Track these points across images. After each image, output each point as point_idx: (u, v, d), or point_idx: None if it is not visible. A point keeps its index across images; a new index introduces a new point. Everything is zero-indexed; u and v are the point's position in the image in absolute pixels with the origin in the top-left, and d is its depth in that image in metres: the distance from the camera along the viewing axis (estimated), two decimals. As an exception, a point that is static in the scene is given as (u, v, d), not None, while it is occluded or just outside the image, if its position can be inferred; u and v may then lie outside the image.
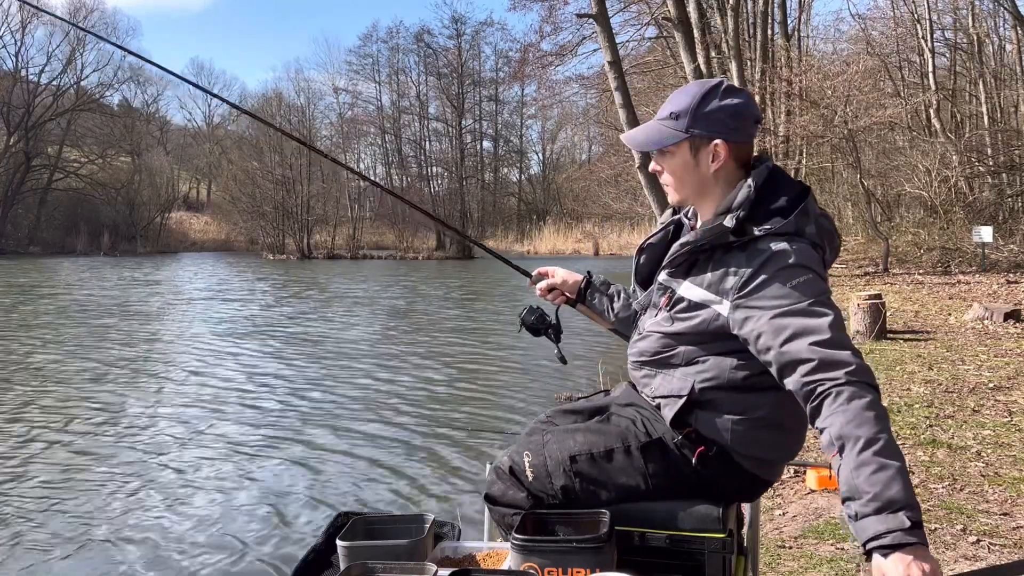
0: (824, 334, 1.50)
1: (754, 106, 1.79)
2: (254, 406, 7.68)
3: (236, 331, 13.23)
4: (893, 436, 1.41)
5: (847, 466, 1.38)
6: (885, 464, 1.35)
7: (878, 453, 1.36)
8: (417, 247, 44.85)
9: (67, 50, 47.54)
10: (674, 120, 1.75)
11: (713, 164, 1.73)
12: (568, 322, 2.28)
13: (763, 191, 1.70)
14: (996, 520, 3.49)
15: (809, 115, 17.62)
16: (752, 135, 1.78)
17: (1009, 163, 21.11)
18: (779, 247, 1.62)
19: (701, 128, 1.72)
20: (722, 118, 1.72)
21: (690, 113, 1.73)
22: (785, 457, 1.86)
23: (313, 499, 5.07)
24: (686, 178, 1.78)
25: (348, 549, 1.65)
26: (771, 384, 1.62)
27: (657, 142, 1.78)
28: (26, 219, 45.69)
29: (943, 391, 5.89)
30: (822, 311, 1.54)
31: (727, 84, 1.77)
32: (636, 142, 1.86)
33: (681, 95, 1.78)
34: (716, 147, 1.72)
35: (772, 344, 1.56)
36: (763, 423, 1.72)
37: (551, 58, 23.86)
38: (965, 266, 16.46)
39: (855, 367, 1.46)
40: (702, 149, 1.74)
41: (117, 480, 5.42)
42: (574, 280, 2.19)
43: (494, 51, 51.13)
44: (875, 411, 1.41)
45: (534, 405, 7.44)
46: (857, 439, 1.38)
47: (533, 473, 1.80)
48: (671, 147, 1.76)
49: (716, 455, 1.73)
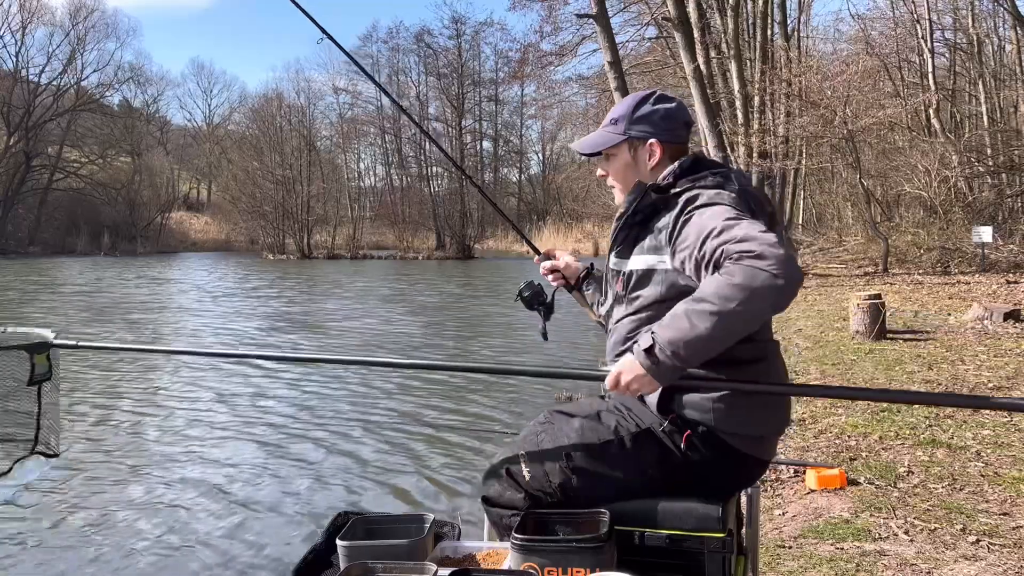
0: (738, 235, 1.57)
1: (685, 111, 1.97)
2: (254, 406, 7.68)
3: (236, 331, 13.24)
4: (726, 309, 1.50)
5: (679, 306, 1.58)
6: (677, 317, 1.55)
7: (684, 311, 1.55)
8: (417, 247, 44.84)
9: (67, 50, 47.62)
10: (614, 125, 1.96)
11: (650, 162, 1.91)
12: (578, 319, 2.33)
13: (689, 170, 1.85)
14: (996, 520, 3.49)
15: (809, 115, 17.61)
16: (683, 137, 1.95)
17: (1009, 163, 21.11)
18: (696, 193, 1.76)
19: (637, 130, 1.92)
20: (655, 120, 1.91)
21: (627, 117, 1.93)
22: (773, 431, 1.88)
23: (313, 499, 5.07)
24: (628, 176, 1.95)
25: (348, 549, 1.66)
26: (748, 357, 1.65)
27: (600, 144, 1.97)
28: (26, 219, 45.66)
29: (943, 391, 5.88)
30: (737, 222, 1.61)
31: (660, 93, 1.97)
32: (583, 147, 2.03)
33: (620, 104, 1.98)
34: (651, 146, 1.91)
35: (695, 253, 1.64)
36: (744, 400, 1.75)
37: (551, 58, 23.86)
38: (965, 266, 16.45)
39: (755, 251, 1.51)
40: (639, 149, 1.93)
41: (117, 479, 5.42)
42: (576, 267, 2.34)
43: (494, 51, 51.23)
44: (732, 288, 1.49)
45: (533, 405, 7.45)
46: (695, 298, 1.54)
47: (530, 472, 1.81)
48: (612, 149, 1.95)
49: (703, 439, 1.75)
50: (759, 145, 17.45)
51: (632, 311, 1.85)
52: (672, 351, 1.56)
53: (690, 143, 2.01)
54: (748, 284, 1.49)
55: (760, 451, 1.83)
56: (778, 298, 1.50)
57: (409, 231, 46.04)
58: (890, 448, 4.59)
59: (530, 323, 13.02)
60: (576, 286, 2.32)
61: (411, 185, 49.39)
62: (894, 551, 3.23)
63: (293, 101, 48.02)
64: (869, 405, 5.55)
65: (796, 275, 1.51)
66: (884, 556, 3.19)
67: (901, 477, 4.10)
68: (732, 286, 1.50)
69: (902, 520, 3.53)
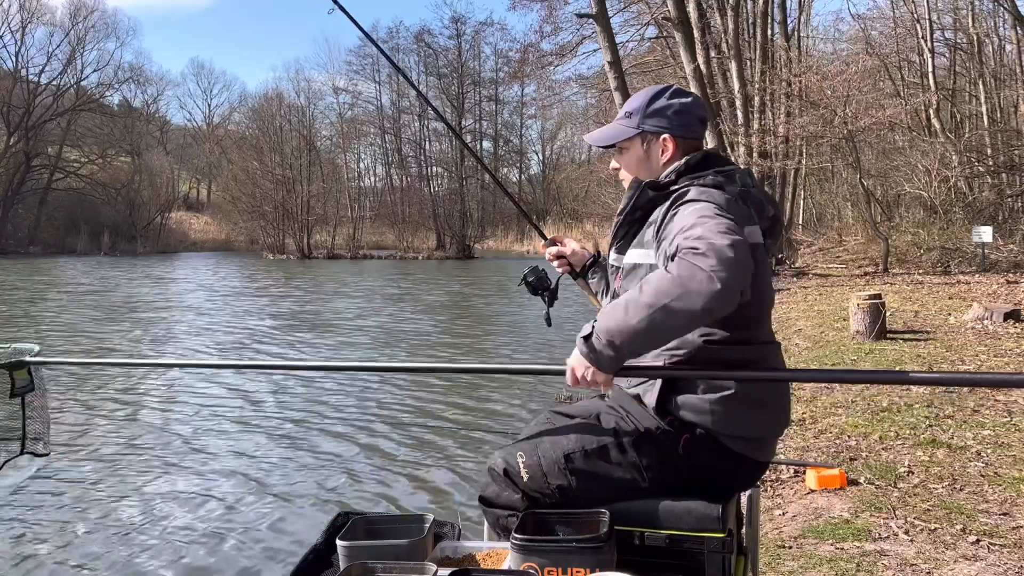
0: (697, 232, 1.55)
1: (700, 107, 1.92)
2: (253, 407, 7.68)
3: (236, 332, 13.24)
4: (658, 304, 1.49)
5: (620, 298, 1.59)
6: (616, 306, 1.56)
7: (624, 301, 1.55)
8: (417, 247, 44.83)
9: (67, 50, 47.59)
10: (628, 119, 1.92)
11: (663, 157, 1.88)
12: (588, 315, 2.34)
13: (695, 167, 1.83)
14: (996, 520, 3.49)
15: (809, 115, 17.62)
16: (698, 133, 1.92)
17: (1009, 163, 21.10)
18: (688, 190, 1.74)
19: (650, 124, 1.88)
20: (669, 115, 1.87)
21: (641, 111, 1.90)
22: (771, 433, 1.88)
23: (313, 499, 5.07)
24: (640, 171, 1.93)
25: (348, 549, 1.65)
26: (744, 359, 1.63)
27: (613, 137, 1.95)
28: (26, 219, 45.64)
29: (943, 391, 5.88)
30: (707, 221, 1.58)
31: (676, 87, 1.93)
32: (596, 139, 2.00)
33: (635, 97, 1.94)
34: (664, 141, 1.88)
35: (667, 247, 1.63)
36: (742, 401, 1.74)
37: (551, 58, 23.89)
38: (965, 266, 16.45)
39: (701, 249, 1.49)
40: (652, 144, 1.90)
41: (117, 479, 5.42)
42: (582, 255, 2.33)
43: (494, 51, 51.11)
44: (668, 283, 1.49)
45: (534, 405, 7.45)
46: (638, 288, 1.54)
47: (528, 473, 1.81)
48: (625, 143, 1.93)
49: (702, 441, 1.75)
50: (759, 145, 17.46)
51: None
52: (608, 340, 1.55)
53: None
54: (684, 282, 1.47)
55: (759, 452, 1.83)
56: (712, 301, 1.46)
57: (409, 231, 46.02)
58: (890, 448, 4.59)
59: (538, 323, 13.01)
60: (582, 274, 2.32)
61: (411, 185, 49.37)
62: (894, 551, 3.23)
63: (293, 101, 48.05)
64: (869, 405, 5.55)
65: (736, 282, 1.46)
66: (884, 556, 3.19)
67: (901, 477, 4.10)
68: (669, 281, 1.49)
69: (902, 520, 3.53)
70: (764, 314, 1.85)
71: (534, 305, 12.34)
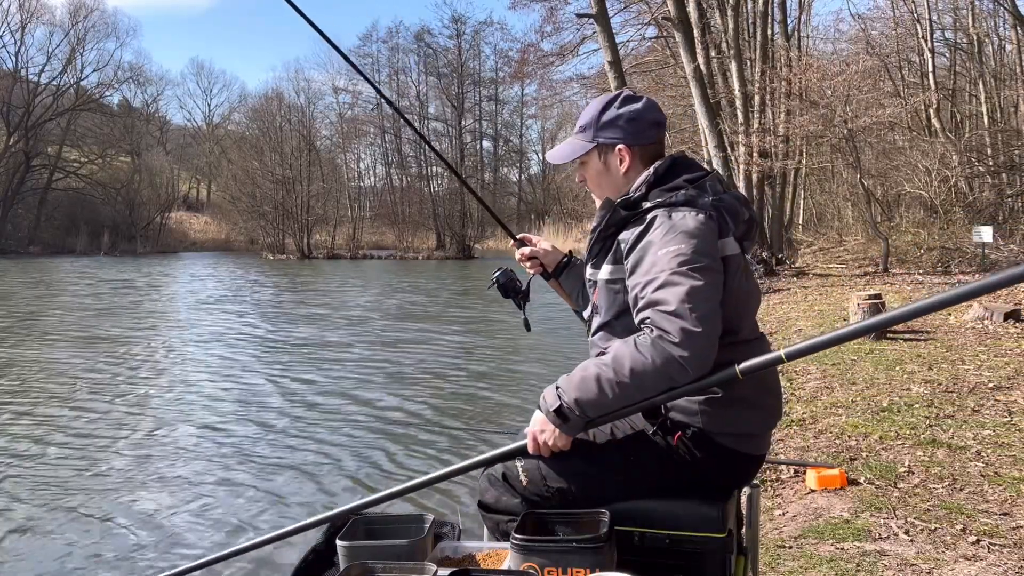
0: (670, 305, 1.59)
1: (653, 110, 1.91)
2: (254, 406, 7.68)
3: (235, 331, 13.23)
4: (632, 384, 1.61)
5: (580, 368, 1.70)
6: (587, 379, 1.66)
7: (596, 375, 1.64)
8: (417, 247, 44.83)
9: (67, 50, 47.60)
10: (583, 133, 1.92)
11: (621, 167, 1.89)
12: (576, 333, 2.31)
13: (664, 176, 1.82)
14: (996, 520, 3.49)
15: (809, 115, 17.59)
16: (654, 137, 1.90)
17: (1009, 163, 21.09)
18: (661, 216, 1.73)
19: (604, 136, 1.89)
20: (621, 124, 1.87)
21: (593, 124, 1.90)
22: (763, 428, 1.87)
23: (313, 499, 5.07)
24: (602, 182, 1.94)
25: (348, 549, 1.65)
26: (730, 359, 1.63)
27: (570, 154, 1.95)
28: (26, 219, 45.64)
29: (943, 391, 5.88)
30: (680, 281, 1.61)
31: (626, 93, 1.92)
32: (555, 157, 2.00)
33: (587, 110, 1.94)
34: (620, 151, 1.88)
35: (637, 290, 1.67)
36: (730, 402, 1.74)
37: (551, 58, 23.84)
38: (965, 266, 16.44)
39: (673, 334, 1.56)
40: (609, 155, 1.90)
41: (117, 478, 5.42)
42: (555, 255, 2.30)
43: (494, 51, 51.11)
44: (641, 366, 1.58)
45: (531, 407, 7.44)
46: (607, 363, 1.63)
47: (527, 477, 1.81)
48: (584, 157, 1.93)
49: (694, 440, 1.75)
50: (759, 144, 17.43)
51: (604, 323, 1.86)
52: (580, 411, 1.68)
53: (688, 142, 1.99)
54: (658, 367, 1.58)
55: (752, 447, 1.83)
56: (682, 378, 1.60)
57: (409, 231, 46.02)
58: (890, 448, 4.59)
59: (541, 323, 12.97)
60: (555, 274, 2.29)
61: (411, 185, 49.35)
62: (894, 551, 3.22)
63: (293, 101, 48.06)
64: (869, 405, 5.55)
65: (704, 364, 1.59)
66: (884, 556, 3.19)
67: (901, 477, 4.10)
68: (643, 364, 1.58)
69: (902, 520, 3.53)
70: (747, 314, 1.84)
71: (509, 311, 12.36)
